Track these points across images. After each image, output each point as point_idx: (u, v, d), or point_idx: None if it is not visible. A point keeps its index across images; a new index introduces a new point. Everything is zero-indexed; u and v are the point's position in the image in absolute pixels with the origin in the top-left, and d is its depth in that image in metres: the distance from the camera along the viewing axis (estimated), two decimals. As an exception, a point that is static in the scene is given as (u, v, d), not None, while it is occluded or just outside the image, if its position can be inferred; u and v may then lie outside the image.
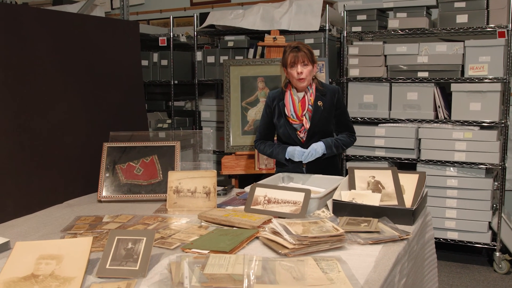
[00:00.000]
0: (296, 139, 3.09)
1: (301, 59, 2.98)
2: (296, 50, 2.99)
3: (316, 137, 3.08)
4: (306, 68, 3.00)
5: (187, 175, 2.80)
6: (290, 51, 3.01)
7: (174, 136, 3.57)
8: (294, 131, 3.09)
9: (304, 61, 2.99)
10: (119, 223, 2.50)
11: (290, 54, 3.00)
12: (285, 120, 3.10)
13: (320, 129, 3.08)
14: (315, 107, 3.07)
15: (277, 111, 3.14)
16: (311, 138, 3.08)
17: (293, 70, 3.00)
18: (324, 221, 2.17)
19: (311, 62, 3.03)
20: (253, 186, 2.58)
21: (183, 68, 5.59)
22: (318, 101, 3.08)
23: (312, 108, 3.07)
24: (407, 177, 2.63)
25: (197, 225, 2.41)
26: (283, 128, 3.11)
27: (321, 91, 3.10)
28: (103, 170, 3.06)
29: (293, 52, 2.99)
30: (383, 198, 2.50)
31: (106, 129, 3.34)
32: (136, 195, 3.00)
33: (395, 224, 2.26)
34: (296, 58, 2.98)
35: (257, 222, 2.26)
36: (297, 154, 3.01)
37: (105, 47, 3.61)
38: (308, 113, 3.07)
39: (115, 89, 3.67)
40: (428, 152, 4.36)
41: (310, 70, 3.02)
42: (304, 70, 2.99)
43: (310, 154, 3.00)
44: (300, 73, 2.99)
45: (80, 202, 3.01)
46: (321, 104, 3.08)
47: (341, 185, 2.62)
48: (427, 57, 4.36)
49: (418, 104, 4.42)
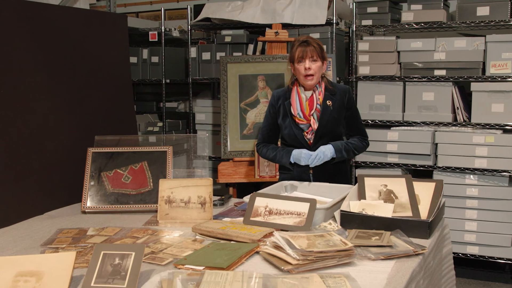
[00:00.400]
0: (302, 140, 3.11)
1: (309, 54, 3.00)
2: (305, 44, 3.02)
3: (324, 140, 3.09)
4: (315, 64, 3.02)
5: (180, 184, 2.80)
6: (299, 45, 3.03)
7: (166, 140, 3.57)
8: (300, 132, 3.10)
9: (313, 56, 3.01)
10: (105, 236, 2.50)
11: (298, 48, 3.03)
12: (291, 120, 3.12)
13: (329, 131, 3.09)
14: (324, 106, 3.09)
15: (282, 111, 3.15)
16: (319, 140, 3.09)
17: (301, 65, 3.03)
18: (331, 234, 2.17)
19: (321, 58, 3.04)
20: (253, 196, 2.58)
21: (175, 66, 5.60)
22: (327, 100, 3.10)
23: (320, 108, 3.09)
24: (423, 185, 2.63)
25: (191, 238, 2.40)
26: (288, 128, 3.13)
27: (331, 90, 3.13)
28: (88, 178, 3.07)
29: (302, 46, 3.02)
30: (396, 209, 2.50)
31: (90, 133, 3.35)
32: (124, 206, 3.00)
33: (409, 238, 2.26)
34: (305, 52, 3.00)
35: (257, 235, 2.26)
36: (304, 157, 3.02)
37: (89, 43, 3.62)
38: (316, 113, 3.09)
39: (100, 89, 3.67)
40: (446, 158, 4.36)
41: (319, 66, 3.04)
42: (312, 66, 3.01)
43: (318, 157, 3.01)
44: (308, 69, 3.01)
45: (62, 213, 3.01)
46: (330, 104, 3.10)
47: (350, 195, 2.62)
48: (444, 54, 4.37)
49: (434, 105, 4.42)
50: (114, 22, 3.91)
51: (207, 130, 5.21)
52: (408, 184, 2.62)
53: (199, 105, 5.30)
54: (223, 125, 4.34)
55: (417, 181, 2.65)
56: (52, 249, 2.34)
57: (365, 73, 4.64)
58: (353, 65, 4.72)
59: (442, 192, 2.60)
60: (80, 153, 3.23)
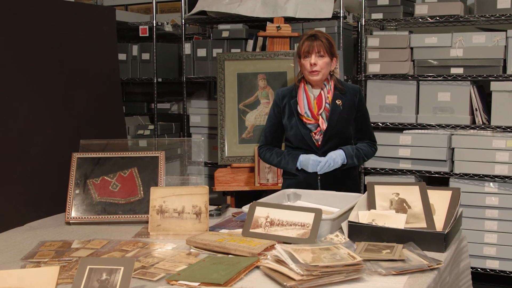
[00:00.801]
0: (310, 141, 3.12)
1: (316, 49, 3.03)
2: (312, 38, 3.05)
3: (333, 141, 3.11)
4: (322, 60, 3.04)
5: (173, 192, 2.80)
6: (306, 39, 3.07)
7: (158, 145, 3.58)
8: (308, 132, 3.12)
9: (320, 52, 3.04)
10: (92, 249, 2.50)
11: (305, 42, 3.06)
12: (298, 119, 3.13)
13: (338, 131, 3.11)
14: (333, 105, 3.12)
15: (288, 110, 3.17)
16: (328, 141, 3.11)
17: (306, 60, 3.06)
18: (338, 248, 2.18)
19: (329, 54, 3.07)
20: (253, 205, 2.59)
21: (168, 63, 5.61)
22: (337, 99, 3.13)
23: (329, 107, 3.11)
24: (438, 194, 2.64)
25: (185, 252, 2.41)
26: (295, 129, 3.14)
27: (340, 89, 3.15)
28: (72, 186, 3.07)
29: (309, 40, 3.06)
30: (409, 220, 2.50)
31: (76, 137, 3.35)
32: (112, 216, 3.01)
33: (423, 251, 2.26)
34: (311, 47, 3.03)
35: (257, 249, 2.27)
36: (312, 164, 3.03)
37: (75, 38, 3.63)
38: (325, 112, 3.11)
39: (86, 88, 3.68)
40: (463, 164, 4.36)
41: (326, 62, 3.06)
42: (318, 62, 3.03)
43: (327, 164, 3.02)
44: (313, 65, 3.03)
45: (44, 225, 3.01)
46: (340, 103, 3.12)
47: (359, 204, 2.63)
48: (461, 50, 4.38)
49: (451, 106, 4.43)
50: (101, 15, 3.92)
51: (202, 134, 5.21)
52: (422, 192, 2.62)
53: (194, 106, 5.30)
54: (220, 128, 4.35)
55: (432, 189, 2.66)
56: (34, 263, 2.35)
57: (375, 72, 4.66)
58: (362, 62, 4.73)
59: (459, 201, 2.61)
60: (64, 159, 3.23)
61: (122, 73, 5.16)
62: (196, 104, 5.31)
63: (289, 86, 3.28)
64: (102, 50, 3.88)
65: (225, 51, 5.03)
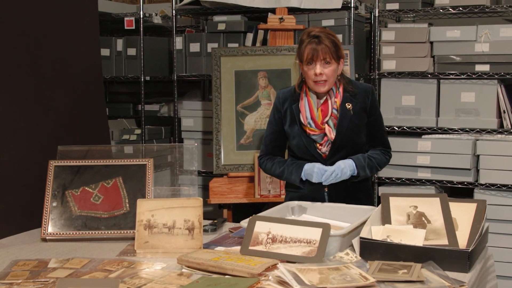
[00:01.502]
0: (315, 153, 3.08)
1: (321, 55, 2.92)
2: (316, 41, 2.93)
3: (342, 152, 3.06)
4: (329, 67, 2.95)
5: (163, 205, 2.81)
6: (308, 42, 2.95)
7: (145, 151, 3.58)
8: (312, 144, 3.08)
9: (326, 58, 2.93)
10: (71, 269, 2.50)
11: (308, 46, 2.94)
12: (300, 129, 3.10)
13: (349, 140, 3.07)
14: (343, 110, 3.05)
15: (290, 116, 3.13)
16: (336, 153, 3.06)
17: (310, 69, 2.96)
18: (348, 267, 2.18)
19: (336, 58, 2.96)
20: (252, 220, 2.59)
21: (157, 60, 5.62)
22: (346, 103, 3.06)
23: (337, 113, 3.06)
24: (461, 207, 2.64)
25: (177, 272, 2.41)
26: (297, 138, 3.10)
27: (351, 91, 3.08)
28: (49, 198, 3.07)
29: (312, 44, 2.94)
30: (428, 236, 2.51)
31: (53, 142, 3.35)
32: (94, 232, 3.01)
33: (444, 271, 2.27)
34: (315, 53, 2.92)
35: (257, 269, 2.27)
36: (316, 172, 2.99)
37: (51, 31, 3.63)
38: (333, 119, 3.05)
39: (65, 88, 3.68)
40: (490, 174, 4.37)
41: (333, 70, 2.97)
42: (325, 71, 2.94)
43: (334, 174, 2.97)
44: (319, 75, 2.95)
45: (17, 241, 3.01)
46: (350, 107, 3.06)
47: (372, 218, 2.63)
48: (488, 45, 4.39)
49: (475, 108, 4.44)
50: (81, 5, 3.92)
51: (195, 139, 5.22)
52: (443, 205, 2.63)
53: (186, 108, 5.31)
54: (215, 132, 4.35)
55: (455, 202, 2.66)
56: (6, 285, 2.35)
57: (390, 69, 4.66)
58: (375, 59, 4.75)
59: (485, 215, 2.61)
60: (39, 167, 3.23)
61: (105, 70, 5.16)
62: (188, 105, 5.32)
63: (291, 87, 3.21)
64: (82, 45, 3.88)
65: (221, 46, 5.05)
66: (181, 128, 5.31)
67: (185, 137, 5.28)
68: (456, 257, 2.34)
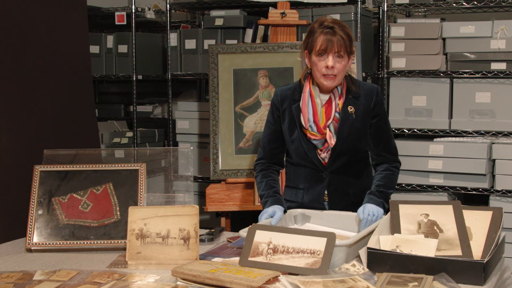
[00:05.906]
0: (315, 160, 3.08)
1: (336, 47, 2.90)
2: (331, 32, 2.91)
3: (343, 159, 3.06)
4: (341, 62, 2.93)
5: (156, 213, 2.81)
6: (321, 32, 2.92)
7: (138, 156, 3.59)
8: (312, 150, 3.08)
9: (340, 51, 2.91)
10: (58, 282, 2.50)
11: (321, 36, 2.91)
12: (301, 132, 3.08)
13: (350, 147, 3.06)
14: (344, 114, 3.03)
15: (288, 117, 3.11)
16: (336, 160, 3.06)
17: (321, 61, 2.93)
18: (355, 280, 2.18)
19: (348, 53, 2.95)
20: (252, 229, 2.59)
21: (150, 57, 5.63)
22: (349, 106, 3.04)
23: (339, 117, 3.04)
24: (476, 215, 2.65)
25: (171, 284, 2.42)
26: (296, 143, 3.09)
27: (354, 92, 3.06)
28: (34, 206, 3.07)
29: (327, 34, 2.91)
30: (440, 246, 2.51)
31: (38, 146, 3.36)
32: (82, 242, 3.01)
33: (458, 284, 2.27)
34: (330, 44, 2.90)
35: (257, 281, 2.28)
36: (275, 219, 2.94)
37: (38, 28, 3.64)
38: (334, 124, 3.04)
39: (51, 88, 3.69)
40: (506, 179, 4.37)
41: (345, 65, 2.95)
42: (337, 65, 2.92)
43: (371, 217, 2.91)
44: (330, 68, 2.92)
45: (0, 252, 3.02)
46: (353, 111, 3.04)
47: (380, 227, 2.64)
48: (504, 41, 4.40)
49: (491, 109, 4.44)
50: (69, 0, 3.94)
51: (191, 142, 5.23)
52: (457, 213, 2.63)
53: (181, 109, 5.32)
54: (212, 135, 4.36)
55: (469, 210, 2.66)
56: (-12, 299, 2.36)
57: (400, 67, 4.67)
58: (384, 56, 4.75)
59: (502, 223, 2.62)
60: (24, 172, 3.24)
61: (94, 69, 5.17)
62: (183, 106, 5.32)
63: (290, 85, 3.18)
64: (70, 42, 3.88)
65: (218, 43, 5.06)
66: (175, 131, 5.31)
67: (180, 140, 5.29)
68: (470, 268, 2.34)
